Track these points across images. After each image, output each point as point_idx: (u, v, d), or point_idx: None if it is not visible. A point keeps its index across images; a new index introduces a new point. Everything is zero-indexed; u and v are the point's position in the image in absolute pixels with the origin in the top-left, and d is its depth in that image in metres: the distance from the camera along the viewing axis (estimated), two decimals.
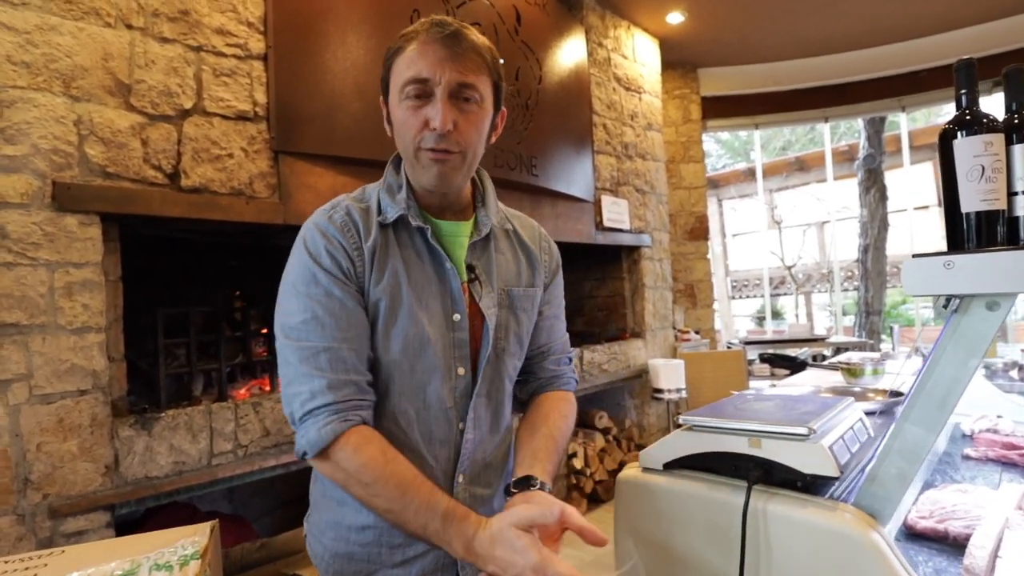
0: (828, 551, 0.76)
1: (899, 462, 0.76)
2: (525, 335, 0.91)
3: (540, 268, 0.94)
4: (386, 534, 0.83)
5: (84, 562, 0.62)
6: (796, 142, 12.44)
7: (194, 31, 1.90)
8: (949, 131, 0.83)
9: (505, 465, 0.93)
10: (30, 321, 1.56)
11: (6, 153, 1.54)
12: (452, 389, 0.83)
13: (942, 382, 0.73)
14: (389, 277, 0.81)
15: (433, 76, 0.76)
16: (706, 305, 5.02)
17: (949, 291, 0.71)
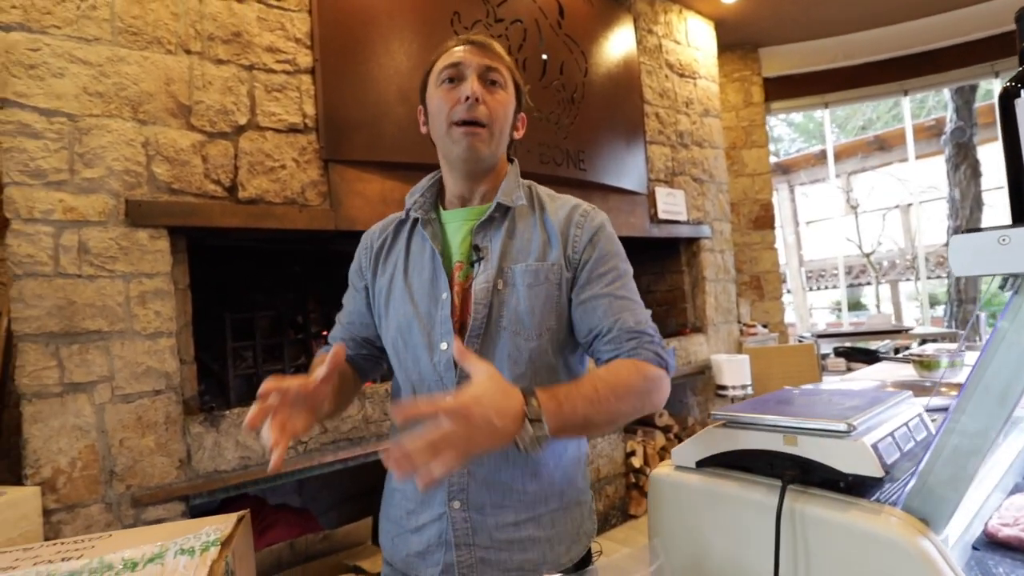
0: (871, 559, 0.69)
1: (954, 461, 0.68)
2: (534, 313, 0.86)
3: (560, 244, 0.90)
4: (405, 499, 0.93)
5: (124, 545, 0.67)
6: (878, 119, 11.56)
7: (246, 51, 2.01)
8: (1011, 90, 0.74)
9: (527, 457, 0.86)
10: (110, 328, 1.71)
11: (85, 176, 1.69)
12: (436, 363, 0.87)
13: (1002, 372, 0.65)
14: (390, 269, 0.96)
15: (463, 61, 0.88)
16: (774, 297, 4.77)
17: (1004, 270, 0.63)
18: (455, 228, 0.94)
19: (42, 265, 1.62)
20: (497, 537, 0.87)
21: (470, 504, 0.87)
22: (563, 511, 0.91)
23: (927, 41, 4.62)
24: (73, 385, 1.65)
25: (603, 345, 0.87)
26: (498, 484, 0.87)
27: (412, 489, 0.92)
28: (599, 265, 0.90)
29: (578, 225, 0.91)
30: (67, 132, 1.68)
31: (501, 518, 0.87)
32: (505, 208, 0.92)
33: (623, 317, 0.87)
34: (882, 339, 4.26)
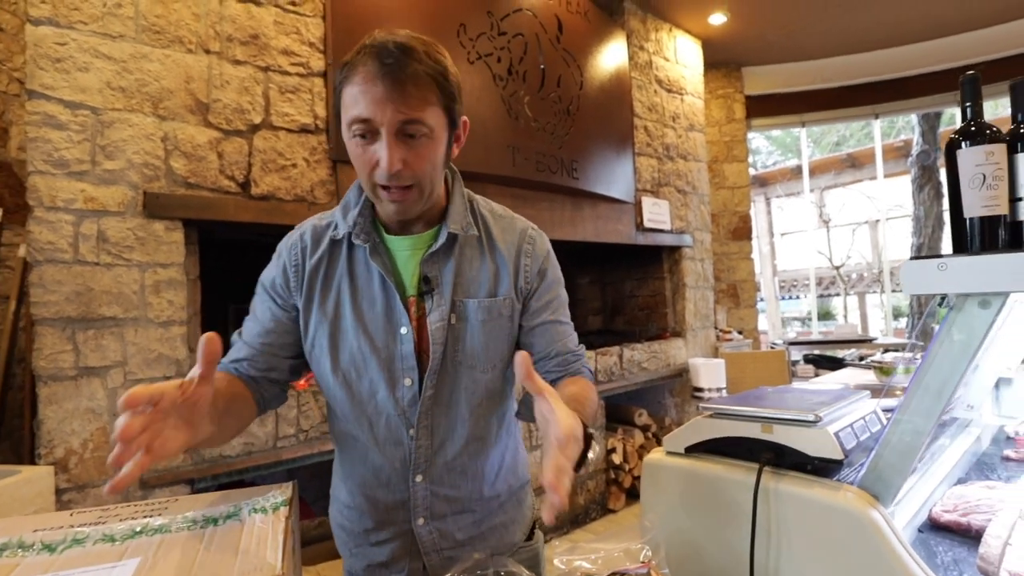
0: (831, 527, 0.83)
1: (899, 448, 0.83)
2: (488, 347, 0.88)
3: (510, 275, 0.90)
4: (361, 515, 0.93)
5: (196, 505, 0.77)
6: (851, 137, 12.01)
7: (263, 53, 2.09)
8: (954, 141, 0.89)
9: (480, 469, 0.93)
10: (125, 315, 1.78)
11: (106, 168, 1.76)
12: (399, 399, 0.86)
13: (939, 374, 0.80)
14: (332, 297, 0.87)
15: (375, 116, 0.74)
16: (749, 305, 4.98)
17: (942, 290, 0.77)
18: (404, 257, 0.88)
19: (62, 252, 1.69)
20: (460, 538, 0.93)
21: (433, 516, 0.91)
22: (511, 499, 0.99)
23: (897, 69, 4.90)
24: (88, 369, 1.72)
25: (550, 365, 0.92)
26: (458, 498, 0.92)
27: (371, 510, 0.92)
28: (546, 293, 0.93)
29: (527, 255, 0.92)
30: (90, 124, 1.74)
31: (462, 521, 0.93)
32: (452, 236, 0.88)
33: (566, 342, 0.94)
34: (848, 348, 4.49)
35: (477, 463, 0.93)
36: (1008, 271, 0.74)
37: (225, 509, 0.74)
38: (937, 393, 0.80)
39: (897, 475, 0.84)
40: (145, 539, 0.65)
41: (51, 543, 0.64)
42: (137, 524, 0.72)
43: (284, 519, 0.71)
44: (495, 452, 0.95)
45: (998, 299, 0.75)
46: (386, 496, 0.91)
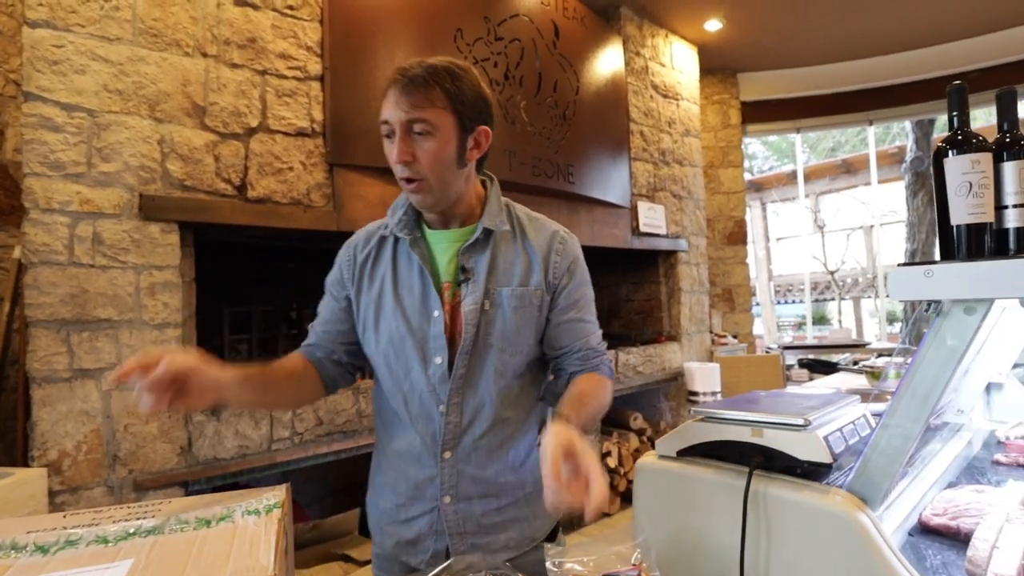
0: (820, 530, 0.84)
1: (887, 452, 0.84)
2: (519, 332, 0.96)
3: (541, 269, 0.99)
4: (395, 494, 1.01)
5: (189, 507, 0.78)
6: (846, 143, 12.08)
7: (260, 57, 2.10)
8: (941, 150, 0.90)
9: (506, 453, 1.00)
10: (120, 316, 1.78)
11: (103, 170, 1.77)
12: (430, 376, 0.95)
13: (926, 379, 0.81)
14: (377, 284, 1.00)
15: (391, 117, 0.89)
16: (744, 310, 5.00)
17: (928, 297, 0.79)
18: (442, 249, 0.98)
19: (57, 254, 1.69)
20: (484, 523, 0.98)
21: (459, 496, 0.97)
22: (536, 494, 1.00)
23: (891, 76, 4.94)
24: (82, 371, 1.72)
25: (572, 360, 1.02)
26: (483, 479, 0.98)
27: (403, 486, 1.00)
28: (574, 292, 1.02)
29: (557, 252, 1.01)
30: (86, 127, 1.75)
31: (487, 505, 0.98)
32: (488, 231, 0.98)
33: (588, 339, 1.03)
34: (842, 352, 4.51)
35: (503, 446, 0.99)
36: (992, 278, 0.75)
37: (218, 511, 0.75)
38: (924, 398, 0.81)
39: (885, 478, 0.85)
40: (138, 540, 0.66)
41: (44, 544, 0.64)
42: (130, 526, 0.72)
43: (277, 521, 0.72)
44: (522, 440, 1.02)
45: (983, 305, 0.77)
46: (417, 472, 0.98)
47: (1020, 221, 0.86)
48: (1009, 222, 0.87)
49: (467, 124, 0.92)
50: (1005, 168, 0.87)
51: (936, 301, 0.80)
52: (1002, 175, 0.88)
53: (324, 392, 1.05)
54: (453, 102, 0.90)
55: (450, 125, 0.90)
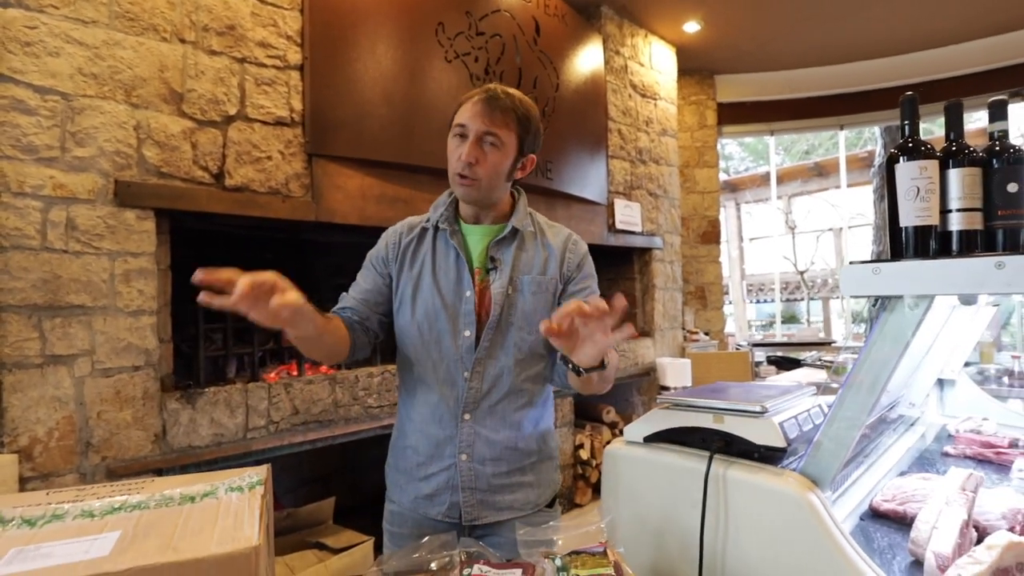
0: (774, 509, 0.90)
1: (836, 437, 0.90)
2: (536, 313, 1.13)
3: (557, 263, 1.18)
4: (416, 453, 1.14)
5: (172, 485, 0.80)
6: (820, 146, 12.37)
7: (239, 44, 2.09)
8: (893, 156, 0.96)
9: (519, 421, 1.14)
10: (94, 303, 1.77)
11: (77, 155, 1.75)
12: (459, 346, 1.11)
13: (872, 369, 0.87)
14: (418, 266, 1.16)
15: (468, 124, 1.08)
16: (716, 307, 5.12)
17: (876, 292, 0.85)
18: (475, 241, 1.17)
19: (29, 239, 1.67)
20: (494, 483, 1.12)
21: (474, 457, 1.11)
22: (540, 463, 1.19)
23: (863, 82, 5.10)
24: (54, 357, 1.70)
25: None
26: (496, 442, 1.12)
27: (424, 445, 1.14)
28: (582, 281, 1.21)
29: (571, 250, 1.21)
30: (60, 110, 1.73)
31: (497, 468, 1.12)
32: (515, 230, 1.16)
33: None
34: (810, 350, 4.66)
35: (516, 414, 1.14)
36: (935, 276, 0.81)
37: (202, 488, 0.77)
38: (871, 387, 0.87)
39: (834, 462, 0.91)
40: (124, 515, 0.68)
41: (31, 518, 0.66)
42: (115, 501, 0.74)
43: (260, 497, 0.74)
44: (532, 411, 1.17)
45: (925, 301, 0.83)
46: (438, 432, 1.13)
47: (963, 224, 0.93)
48: (952, 225, 0.94)
49: (524, 149, 1.14)
50: (950, 175, 0.94)
51: (884, 297, 0.86)
52: (948, 181, 0.94)
53: (347, 355, 1.14)
54: (520, 129, 1.11)
55: (513, 146, 1.11)
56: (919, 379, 1.66)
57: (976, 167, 0.92)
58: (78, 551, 0.60)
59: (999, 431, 1.64)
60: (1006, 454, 1.50)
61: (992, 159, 0.92)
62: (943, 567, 0.88)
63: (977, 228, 0.92)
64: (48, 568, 0.56)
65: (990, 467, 1.48)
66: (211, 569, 0.59)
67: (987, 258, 0.76)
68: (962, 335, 1.78)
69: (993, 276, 0.74)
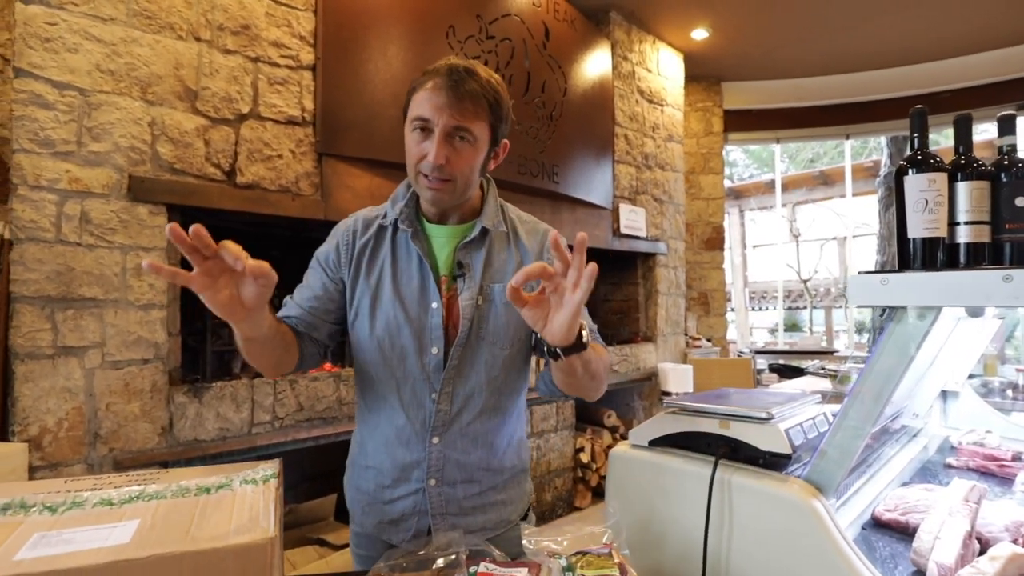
0: (778, 515, 0.91)
1: (841, 445, 0.91)
2: (508, 327, 1.00)
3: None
4: (379, 475, 1.03)
5: (187, 477, 0.81)
6: (825, 155, 12.37)
7: (253, 44, 2.11)
8: (902, 168, 0.98)
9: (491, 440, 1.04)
10: (105, 296, 1.78)
11: (92, 149, 1.77)
12: (425, 364, 0.98)
13: (879, 379, 0.88)
14: (376, 272, 1.01)
15: (433, 118, 0.91)
16: (719, 314, 5.13)
17: (883, 303, 0.86)
18: (440, 243, 1.02)
19: (44, 231, 1.69)
20: (465, 505, 1.03)
21: (444, 480, 1.01)
22: (512, 479, 1.09)
23: (869, 92, 5.11)
24: (65, 348, 1.72)
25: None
26: (468, 464, 1.02)
27: (388, 467, 1.02)
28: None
29: (548, 251, 1.05)
30: (77, 106, 1.75)
31: (469, 489, 1.03)
32: (485, 230, 1.02)
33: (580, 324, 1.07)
34: (812, 359, 4.66)
35: (489, 433, 1.03)
36: (942, 288, 0.83)
37: (216, 480, 0.79)
38: (877, 396, 0.88)
39: (839, 470, 0.92)
40: (142, 504, 0.69)
41: (52, 504, 0.68)
42: (133, 491, 0.75)
43: (274, 490, 0.76)
44: (506, 427, 1.06)
45: (932, 312, 0.84)
46: (405, 455, 1.01)
47: (970, 237, 0.94)
48: (960, 237, 0.95)
49: (497, 137, 0.99)
50: (959, 188, 0.95)
51: (891, 307, 0.87)
52: (956, 194, 0.95)
53: (294, 367, 1.02)
54: (493, 117, 0.95)
55: (486, 137, 0.96)
56: (923, 390, 1.66)
57: (984, 180, 0.93)
58: (99, 538, 0.61)
59: (1002, 444, 1.64)
60: (1009, 467, 1.51)
61: (1000, 173, 0.93)
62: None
63: (985, 241, 0.93)
64: (71, 553, 0.58)
65: (993, 480, 1.48)
66: (228, 559, 0.61)
67: (995, 271, 0.77)
68: (967, 347, 1.79)
69: (1000, 289, 0.75)
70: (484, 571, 0.83)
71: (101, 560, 0.57)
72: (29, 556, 0.57)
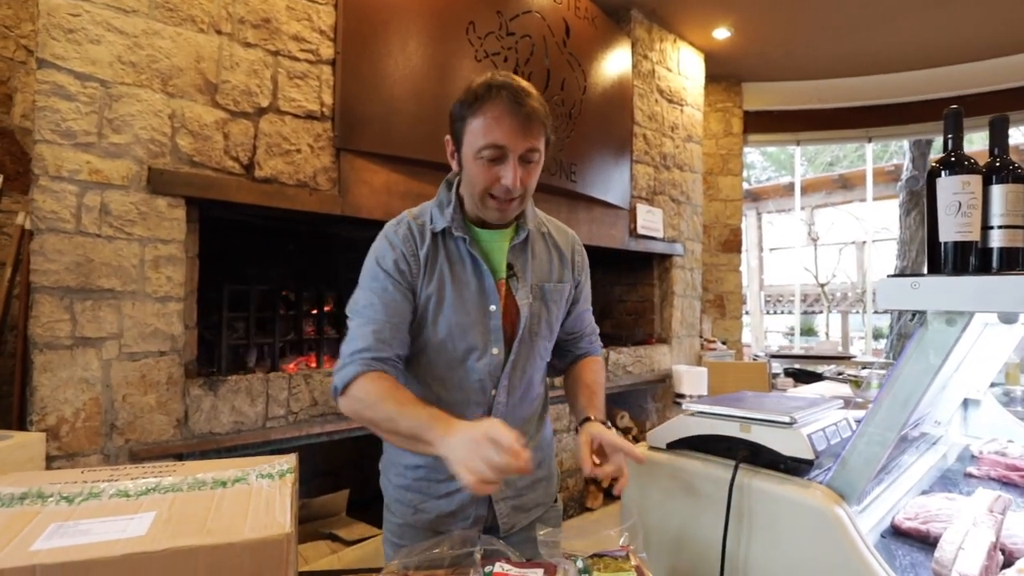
0: (800, 522, 0.89)
1: (866, 451, 0.89)
2: (555, 321, 1.11)
3: (569, 267, 1.14)
4: (433, 471, 1.05)
5: (205, 469, 0.81)
6: (844, 158, 12.20)
7: (274, 37, 2.12)
8: (935, 170, 0.95)
9: (538, 425, 1.15)
10: (123, 288, 1.80)
11: (113, 141, 1.78)
12: (487, 364, 1.03)
13: (906, 385, 0.86)
14: (437, 278, 1.03)
15: (508, 144, 0.94)
16: (735, 317, 5.07)
17: (913, 307, 0.83)
18: (491, 247, 1.06)
19: (64, 222, 1.70)
20: (520, 485, 1.10)
21: None
22: (548, 455, 1.20)
23: (892, 95, 5.01)
24: (83, 339, 1.73)
25: (582, 343, 1.23)
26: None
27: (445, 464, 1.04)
28: (585, 287, 1.21)
29: (578, 253, 1.19)
30: (99, 97, 1.76)
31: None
32: (529, 234, 1.09)
33: (592, 324, 1.26)
34: (828, 364, 4.59)
35: (533, 415, 1.14)
36: (974, 293, 0.80)
37: (233, 474, 0.78)
38: (903, 403, 0.86)
39: (862, 477, 0.90)
40: (158, 496, 0.69)
41: (69, 495, 0.68)
42: (149, 483, 0.75)
43: (290, 485, 0.75)
44: (544, 406, 1.18)
45: (963, 318, 0.81)
46: None
47: (1004, 241, 0.91)
48: (994, 242, 0.92)
49: (547, 150, 1.03)
50: (993, 191, 0.92)
51: (920, 312, 0.85)
52: (990, 197, 0.92)
53: None
54: (547, 131, 1.00)
55: (543, 152, 1.01)
56: (947, 397, 1.62)
57: (1021, 184, 0.90)
58: (115, 529, 0.61)
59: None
60: None
61: None
62: None
63: (1019, 246, 0.90)
64: (88, 545, 0.57)
65: (1015, 490, 1.44)
66: (244, 553, 0.60)
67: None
68: (990, 355, 1.74)
69: None
70: (499, 571, 0.82)
71: (117, 552, 0.56)
72: (45, 547, 0.56)
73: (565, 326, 1.18)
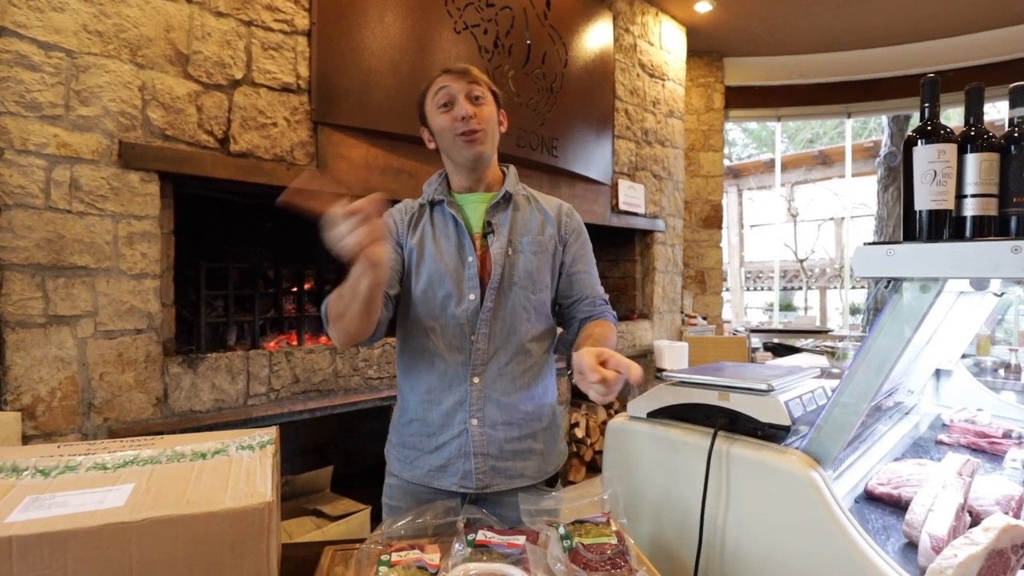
0: (777, 486, 0.91)
1: (840, 417, 0.91)
2: (539, 274, 1.16)
3: (554, 225, 1.20)
4: (424, 425, 1.14)
5: (184, 441, 0.80)
6: (824, 135, 12.29)
7: (246, 6, 2.05)
8: (911, 139, 0.96)
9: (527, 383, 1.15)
10: (97, 265, 1.76)
11: (81, 113, 1.72)
12: (465, 310, 1.11)
13: (880, 351, 0.87)
14: (419, 234, 1.18)
15: (452, 86, 1.13)
16: (715, 292, 5.13)
17: (888, 274, 0.85)
18: (471, 208, 1.19)
19: (33, 197, 1.65)
20: (506, 448, 1.12)
21: (485, 421, 1.11)
22: (549, 431, 1.19)
23: (872, 70, 5.04)
24: (57, 317, 1.70)
25: (583, 306, 1.22)
26: (507, 405, 1.12)
27: (433, 415, 1.14)
28: (582, 248, 1.24)
29: (567, 215, 1.25)
30: (64, 68, 1.69)
31: (509, 432, 1.12)
32: (509, 196, 1.19)
33: (595, 288, 1.24)
34: (806, 337, 4.69)
35: (525, 375, 1.15)
36: (947, 259, 0.81)
37: (213, 446, 0.78)
38: (877, 368, 0.88)
39: (837, 442, 0.92)
40: (136, 468, 0.68)
41: (45, 468, 0.67)
42: (127, 455, 0.74)
43: (271, 456, 0.75)
44: (540, 376, 1.18)
45: (937, 284, 0.83)
46: (447, 397, 1.12)
47: (978, 210, 0.93)
48: (967, 210, 0.93)
49: (498, 103, 1.20)
50: (968, 160, 0.93)
51: (895, 279, 0.86)
52: (965, 166, 0.94)
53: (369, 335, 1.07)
54: (491, 90, 1.18)
55: (491, 100, 1.17)
56: (920, 367, 1.67)
57: (995, 152, 0.91)
58: (92, 501, 0.60)
59: (993, 422, 1.65)
60: (999, 444, 1.52)
61: (1011, 145, 0.91)
62: (938, 548, 0.89)
63: (992, 214, 0.92)
64: (64, 516, 0.57)
65: (983, 456, 1.50)
66: (225, 522, 0.60)
67: (1003, 242, 0.76)
68: (962, 326, 1.79)
69: (1009, 260, 0.74)
70: (483, 539, 0.83)
71: (95, 523, 0.56)
72: (21, 518, 0.56)
73: (560, 289, 1.22)
